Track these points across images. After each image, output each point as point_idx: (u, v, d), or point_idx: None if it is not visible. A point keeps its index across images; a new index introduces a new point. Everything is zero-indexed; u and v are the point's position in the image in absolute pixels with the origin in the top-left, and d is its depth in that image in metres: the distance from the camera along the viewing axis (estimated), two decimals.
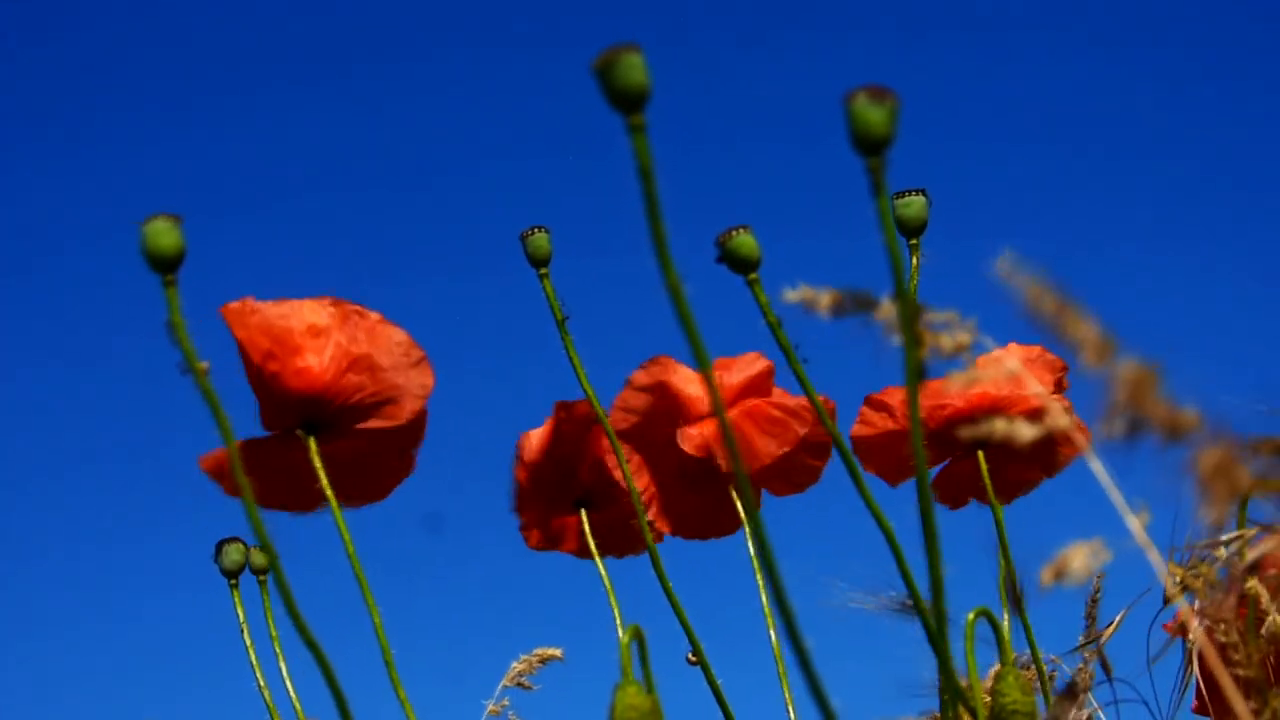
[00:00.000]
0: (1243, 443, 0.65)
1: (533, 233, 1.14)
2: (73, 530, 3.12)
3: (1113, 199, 3.32)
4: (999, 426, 0.69)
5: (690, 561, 1.35)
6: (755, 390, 1.27)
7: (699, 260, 0.81)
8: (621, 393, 1.27)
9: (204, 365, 0.79)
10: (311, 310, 0.99)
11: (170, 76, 3.81)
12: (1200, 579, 0.84)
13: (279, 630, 1.12)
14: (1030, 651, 1.10)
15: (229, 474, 0.99)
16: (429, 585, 2.60)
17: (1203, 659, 0.92)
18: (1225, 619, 0.83)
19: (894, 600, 0.83)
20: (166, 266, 0.77)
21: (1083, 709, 0.93)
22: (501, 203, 3.25)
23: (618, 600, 1.21)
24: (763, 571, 0.76)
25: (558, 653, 1.42)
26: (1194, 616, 0.90)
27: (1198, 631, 0.89)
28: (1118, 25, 3.58)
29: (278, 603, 1.03)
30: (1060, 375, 1.21)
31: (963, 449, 1.21)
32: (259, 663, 1.13)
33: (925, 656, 0.94)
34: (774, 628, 1.14)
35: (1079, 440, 0.72)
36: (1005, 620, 1.09)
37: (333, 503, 0.98)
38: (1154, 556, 0.71)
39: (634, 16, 3.67)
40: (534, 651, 1.42)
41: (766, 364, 1.27)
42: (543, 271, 1.15)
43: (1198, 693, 0.98)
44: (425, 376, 1.01)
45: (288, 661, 1.13)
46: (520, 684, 1.40)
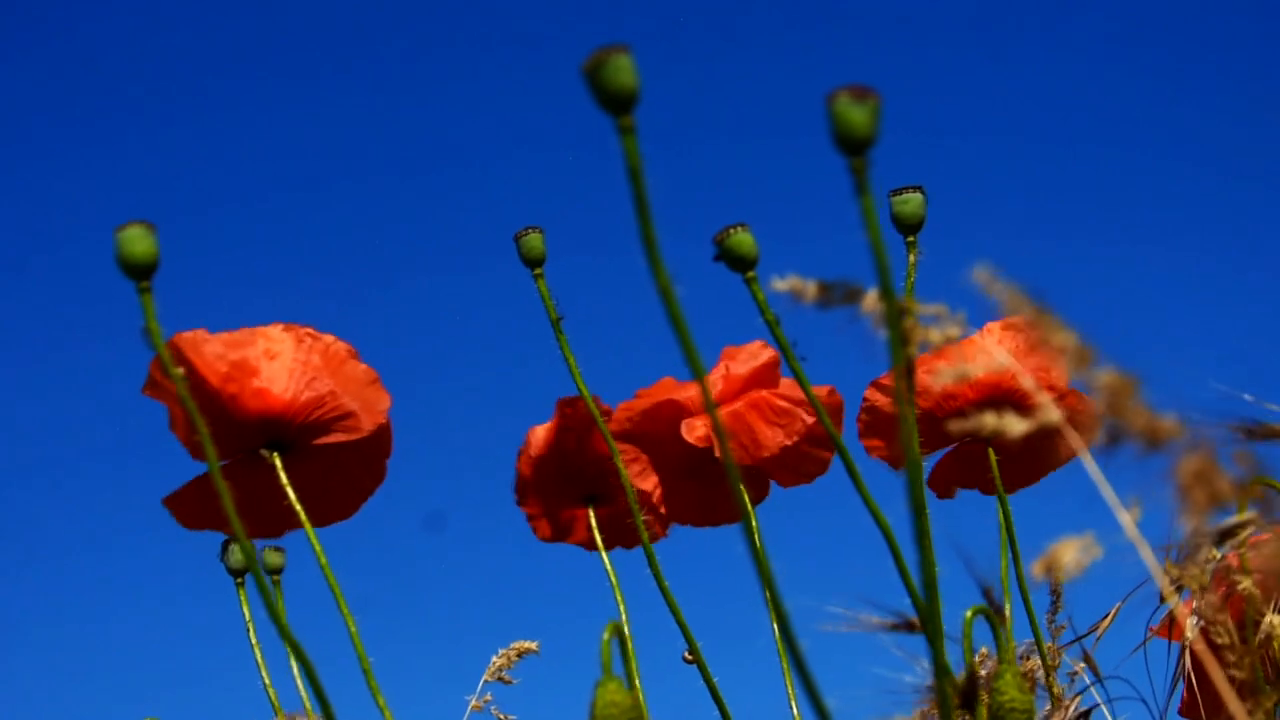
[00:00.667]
0: (1228, 437, 0.65)
1: (527, 233, 1.15)
2: (73, 530, 3.13)
3: (1111, 199, 3.32)
4: (989, 420, 0.69)
5: (690, 561, 1.35)
6: (761, 381, 1.27)
7: (696, 257, 0.81)
8: (624, 403, 1.28)
9: (180, 370, 0.79)
10: (265, 334, 1.00)
11: (168, 77, 3.82)
12: (1196, 578, 0.83)
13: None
14: (1035, 647, 1.10)
15: (190, 505, 1.01)
16: (415, 582, 2.60)
17: (1195, 658, 0.92)
18: (1221, 620, 0.83)
19: (890, 618, 0.83)
20: (140, 274, 0.77)
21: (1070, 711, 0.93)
22: (495, 203, 3.25)
23: (622, 594, 1.21)
24: (756, 571, 0.77)
25: (534, 646, 1.42)
26: (1188, 616, 0.90)
27: (1194, 630, 0.89)
28: (1117, 25, 3.58)
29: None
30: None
31: (960, 438, 1.20)
32: (264, 661, 1.13)
33: (922, 654, 0.94)
34: (776, 623, 1.14)
35: (1072, 436, 0.72)
36: (1008, 610, 1.08)
37: (302, 517, 0.99)
38: (1145, 553, 0.71)
39: (628, 15, 3.68)
40: (511, 645, 1.42)
41: (772, 354, 1.27)
42: (537, 272, 1.15)
43: (1186, 692, 0.98)
44: (380, 393, 1.03)
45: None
46: (501, 678, 1.40)
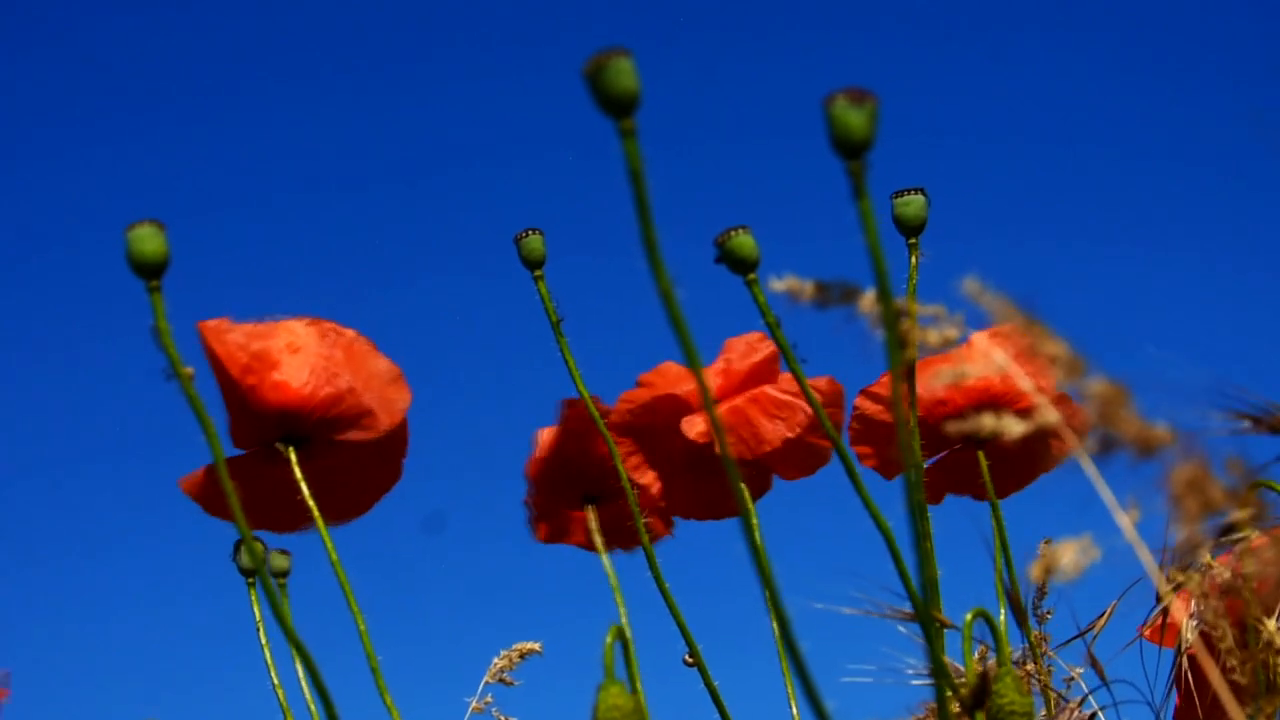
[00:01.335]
0: (1230, 427, 0.65)
1: (527, 235, 1.15)
2: (78, 529, 3.13)
3: (1110, 199, 3.32)
4: (988, 422, 0.69)
5: (691, 562, 1.35)
6: (761, 375, 1.27)
7: (697, 258, 0.81)
8: (625, 393, 1.28)
9: (189, 370, 0.79)
10: (288, 328, 1.00)
11: (167, 77, 3.82)
12: (1197, 584, 0.83)
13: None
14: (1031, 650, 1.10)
15: (209, 493, 1.00)
16: (416, 582, 2.60)
17: (1194, 661, 0.92)
18: (1222, 625, 0.83)
19: (892, 608, 0.83)
20: (151, 272, 0.77)
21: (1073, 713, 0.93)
22: (496, 205, 3.26)
23: (622, 596, 1.22)
24: (756, 572, 0.77)
25: (536, 647, 1.42)
26: (1186, 618, 0.90)
27: (1192, 633, 0.89)
28: (1117, 26, 3.58)
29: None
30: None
31: (953, 443, 1.20)
32: (274, 662, 1.13)
33: (921, 655, 0.94)
34: (776, 624, 1.14)
35: (1069, 437, 0.72)
36: (1002, 618, 1.09)
37: (315, 514, 0.98)
38: (1144, 554, 0.71)
39: (629, 16, 3.68)
40: (514, 646, 1.42)
41: (772, 347, 1.27)
42: (538, 274, 1.15)
43: (1180, 697, 0.97)
44: (402, 391, 1.02)
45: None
46: (502, 680, 1.40)
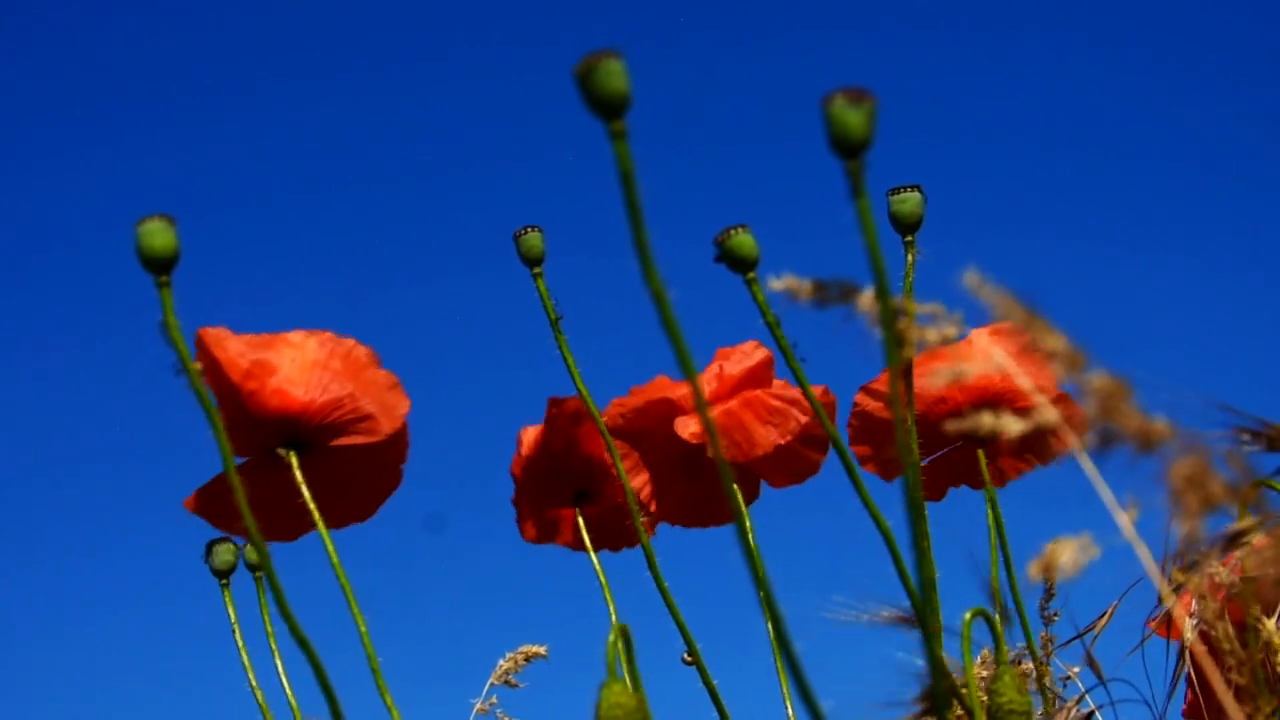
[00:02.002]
0: (1228, 439, 0.65)
1: (526, 232, 1.14)
2: (63, 530, 3.13)
3: (1110, 200, 3.31)
4: (987, 420, 0.68)
5: (687, 559, 1.35)
6: (755, 380, 1.27)
7: (695, 257, 0.81)
8: (618, 398, 1.28)
9: (198, 365, 0.79)
10: (287, 340, 1.00)
11: (165, 78, 3.81)
12: (1197, 584, 0.83)
13: (274, 628, 1.12)
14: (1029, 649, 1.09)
15: (213, 505, 1.00)
16: (419, 584, 2.60)
17: (1195, 660, 0.92)
18: (1221, 625, 0.82)
19: (888, 613, 0.83)
20: (160, 267, 0.77)
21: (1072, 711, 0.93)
22: (494, 203, 3.25)
23: (612, 595, 1.21)
24: (750, 572, 0.76)
25: (542, 650, 1.42)
26: (1187, 617, 0.89)
27: (1192, 632, 0.89)
28: (1117, 27, 3.58)
29: (272, 601, 1.03)
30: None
31: (951, 441, 1.20)
32: (251, 663, 1.13)
33: (919, 655, 0.94)
34: (770, 625, 1.14)
35: (1068, 435, 0.71)
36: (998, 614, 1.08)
37: (316, 517, 0.98)
38: (1143, 553, 0.71)
39: (626, 15, 3.67)
40: (519, 649, 1.42)
41: (765, 354, 1.27)
42: (536, 271, 1.15)
43: (1189, 693, 0.97)
44: (400, 398, 1.02)
45: (283, 660, 1.13)
46: (507, 682, 1.40)
